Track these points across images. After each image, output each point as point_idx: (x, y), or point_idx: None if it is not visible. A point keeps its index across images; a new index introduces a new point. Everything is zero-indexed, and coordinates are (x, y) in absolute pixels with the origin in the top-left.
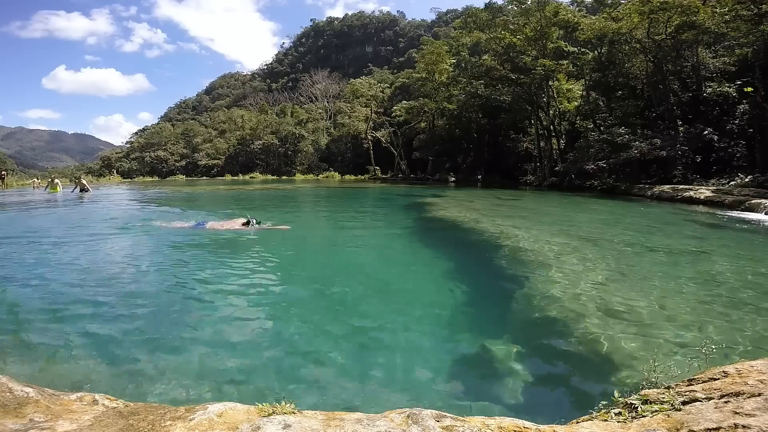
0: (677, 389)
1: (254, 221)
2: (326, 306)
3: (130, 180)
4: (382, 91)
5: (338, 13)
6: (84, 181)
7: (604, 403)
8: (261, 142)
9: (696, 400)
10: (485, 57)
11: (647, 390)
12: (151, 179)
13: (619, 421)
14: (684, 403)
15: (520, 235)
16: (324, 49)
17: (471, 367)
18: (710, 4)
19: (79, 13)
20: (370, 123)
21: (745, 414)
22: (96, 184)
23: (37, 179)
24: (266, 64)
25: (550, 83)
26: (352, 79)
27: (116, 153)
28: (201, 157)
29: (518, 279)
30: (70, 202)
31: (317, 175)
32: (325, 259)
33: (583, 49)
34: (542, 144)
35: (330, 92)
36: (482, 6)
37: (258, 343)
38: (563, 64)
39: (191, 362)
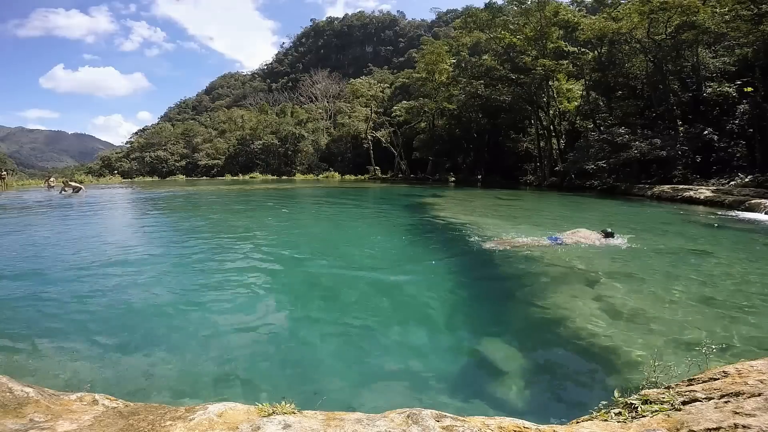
0: (677, 389)
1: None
2: (325, 306)
3: (130, 180)
4: (382, 91)
5: (338, 12)
6: (73, 182)
7: (604, 403)
8: (261, 142)
9: (696, 400)
10: (485, 57)
11: (647, 390)
12: (151, 179)
13: (619, 421)
14: (684, 403)
15: (520, 235)
16: (324, 49)
17: (471, 367)
18: (710, 4)
19: (77, 11)
20: (370, 123)
21: (746, 414)
22: (96, 185)
23: (53, 179)
24: (266, 64)
25: (550, 83)
26: (352, 79)
27: (116, 153)
28: (201, 157)
29: (518, 279)
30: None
31: (317, 175)
32: (324, 258)
33: (583, 49)
34: (542, 144)
35: (330, 92)
36: (482, 6)
37: (257, 343)
38: (563, 64)
39: (191, 362)
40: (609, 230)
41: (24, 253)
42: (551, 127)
